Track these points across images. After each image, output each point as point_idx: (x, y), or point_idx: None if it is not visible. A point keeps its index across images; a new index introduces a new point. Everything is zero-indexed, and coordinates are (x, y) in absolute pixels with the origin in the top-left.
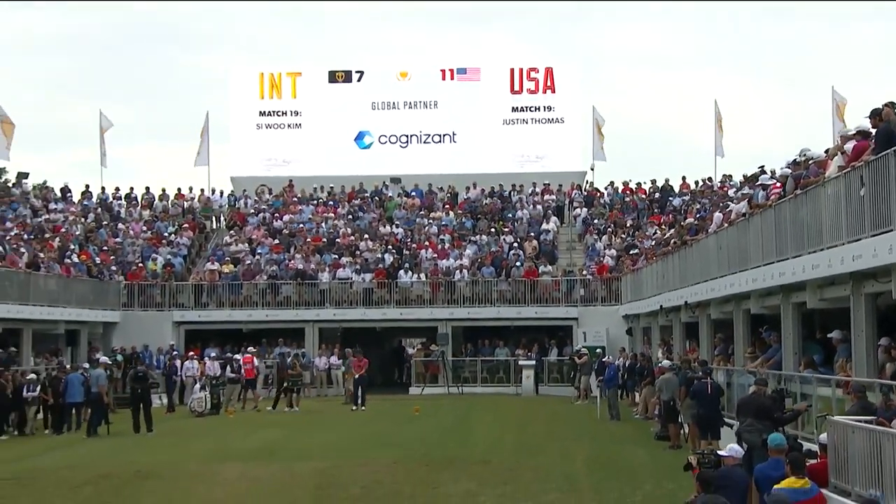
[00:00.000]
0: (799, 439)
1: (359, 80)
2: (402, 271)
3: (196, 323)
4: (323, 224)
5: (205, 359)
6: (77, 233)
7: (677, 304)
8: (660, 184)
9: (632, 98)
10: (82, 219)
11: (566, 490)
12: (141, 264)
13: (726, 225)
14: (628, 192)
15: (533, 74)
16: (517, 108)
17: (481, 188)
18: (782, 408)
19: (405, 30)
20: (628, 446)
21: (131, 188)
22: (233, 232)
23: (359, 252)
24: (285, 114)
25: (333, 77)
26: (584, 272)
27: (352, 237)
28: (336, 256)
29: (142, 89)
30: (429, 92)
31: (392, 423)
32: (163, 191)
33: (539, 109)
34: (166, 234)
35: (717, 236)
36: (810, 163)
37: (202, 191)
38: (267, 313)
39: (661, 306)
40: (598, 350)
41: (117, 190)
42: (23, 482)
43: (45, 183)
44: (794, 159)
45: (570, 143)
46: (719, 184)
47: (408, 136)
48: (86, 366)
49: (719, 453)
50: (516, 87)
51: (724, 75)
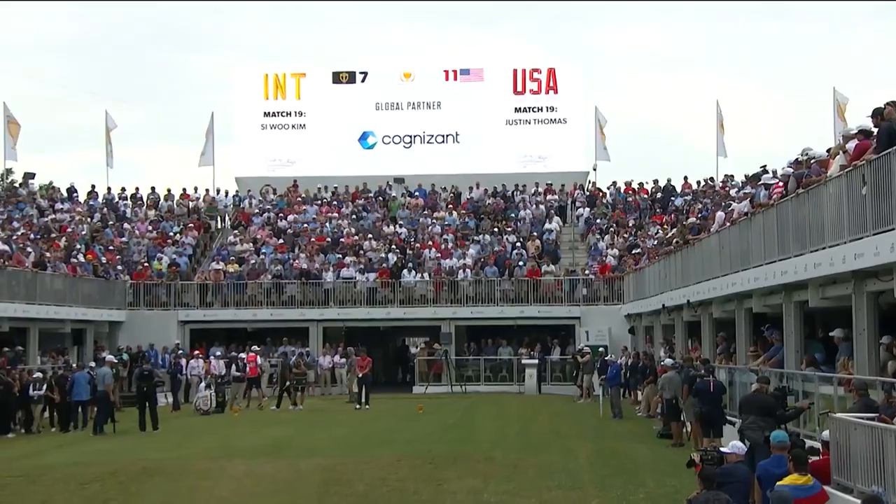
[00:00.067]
0: (801, 437)
1: (362, 81)
2: (405, 271)
3: (201, 322)
4: (327, 224)
5: (210, 358)
6: (83, 232)
7: (679, 303)
8: (662, 184)
9: (634, 98)
10: (88, 219)
11: (569, 487)
12: (146, 264)
13: (728, 224)
14: (630, 192)
15: (536, 75)
16: (520, 108)
17: (484, 188)
18: (784, 405)
19: (408, 31)
20: (631, 444)
21: (137, 188)
22: (237, 232)
23: (363, 252)
24: (289, 114)
25: (337, 78)
26: (587, 272)
27: (356, 237)
28: (340, 256)
29: (147, 90)
30: (432, 92)
31: (396, 421)
32: (168, 191)
33: (542, 110)
34: (171, 233)
35: (719, 235)
36: (812, 162)
37: (207, 191)
38: (271, 312)
39: (663, 305)
40: (600, 349)
41: (123, 190)
42: (30, 479)
43: (51, 183)
44: (796, 158)
45: (573, 144)
46: (721, 184)
47: (411, 137)
48: (92, 364)
49: (722, 450)
50: (519, 88)
51: (726, 76)
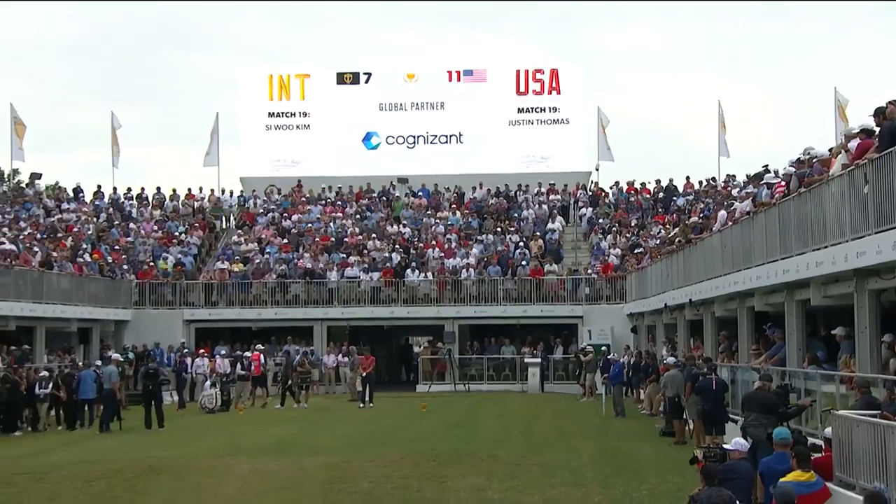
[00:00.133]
0: (803, 434)
1: (366, 82)
2: (409, 270)
3: (206, 321)
4: (331, 224)
5: (215, 356)
6: (89, 232)
7: (682, 301)
8: (664, 184)
9: (636, 99)
10: (94, 218)
11: (572, 484)
12: (152, 263)
13: (730, 223)
14: (633, 192)
15: (538, 76)
16: (523, 109)
17: (487, 188)
18: (787, 403)
19: (412, 32)
20: (633, 442)
21: (142, 188)
22: (242, 231)
23: (366, 251)
24: (294, 115)
25: (341, 79)
26: (589, 271)
27: (360, 236)
28: (344, 255)
29: (151, 91)
30: (435, 93)
31: (400, 420)
32: (173, 191)
33: (544, 110)
34: (177, 233)
35: (721, 235)
36: (814, 161)
37: (212, 191)
38: (276, 312)
39: (665, 304)
40: (603, 348)
41: (129, 190)
42: (37, 476)
43: (57, 184)
44: (798, 158)
45: (575, 144)
46: (723, 183)
47: (415, 137)
48: (98, 363)
49: (725, 447)
50: (522, 89)
51: (727, 76)
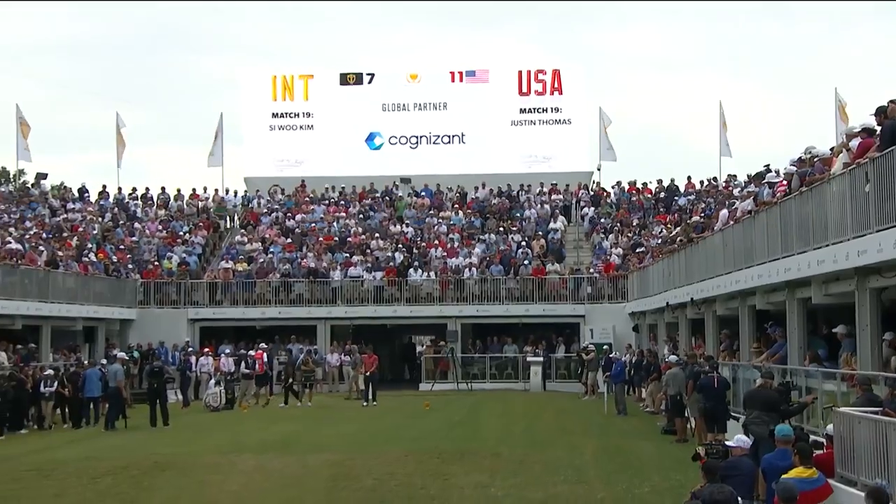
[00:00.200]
0: (805, 431)
1: (369, 83)
2: (412, 269)
3: (210, 320)
4: (334, 223)
5: (220, 355)
6: (94, 232)
7: (683, 300)
8: (665, 184)
9: (638, 99)
10: (99, 218)
11: (575, 481)
12: (157, 263)
13: (732, 222)
14: (634, 192)
15: (540, 76)
16: (525, 109)
17: (490, 188)
18: (788, 400)
19: (415, 33)
20: (635, 440)
21: (147, 188)
22: (246, 231)
23: (370, 251)
24: (297, 115)
25: (344, 79)
26: (591, 270)
27: (363, 236)
28: (347, 255)
29: (156, 92)
30: (438, 94)
31: (403, 418)
32: (178, 191)
33: (546, 111)
34: (181, 233)
35: (722, 234)
36: (815, 160)
37: (216, 191)
38: (280, 311)
39: (667, 303)
40: (604, 347)
41: (133, 190)
42: (43, 473)
43: (62, 184)
44: (800, 157)
45: (577, 144)
46: (724, 183)
47: (417, 137)
48: (103, 362)
49: (727, 444)
50: (524, 89)
51: (728, 77)
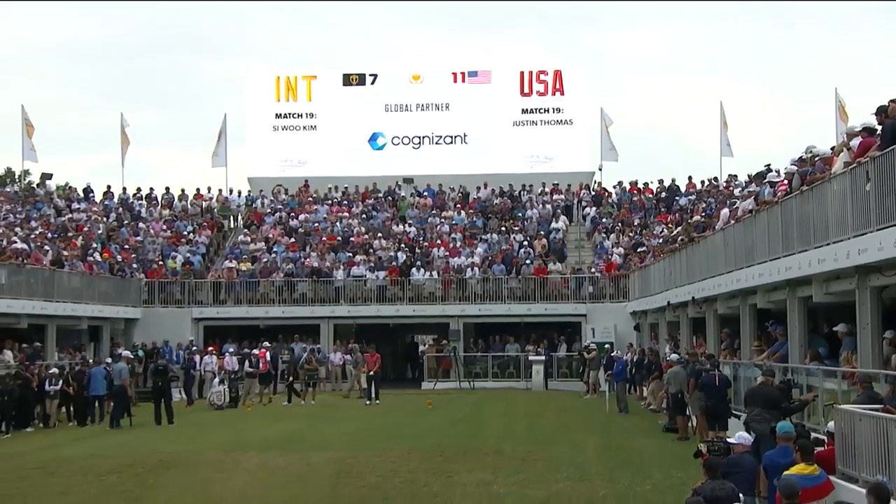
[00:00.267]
0: (806, 428)
1: (372, 83)
2: (414, 269)
3: (214, 319)
4: (337, 223)
5: (224, 354)
6: (99, 232)
7: (684, 299)
8: (666, 184)
9: (639, 100)
10: (104, 218)
11: (577, 479)
12: (161, 262)
13: (733, 222)
14: (636, 192)
15: (542, 77)
16: (527, 109)
17: (492, 188)
18: (789, 398)
19: (418, 34)
20: (637, 438)
21: (151, 188)
22: (250, 231)
23: (372, 250)
24: (301, 116)
25: (347, 80)
26: (593, 270)
27: (366, 236)
28: (350, 255)
29: (161, 93)
30: (441, 94)
31: (406, 416)
32: (182, 191)
33: (548, 111)
34: (185, 232)
35: (723, 233)
36: (816, 159)
37: (220, 191)
38: (283, 310)
39: (668, 302)
40: (606, 346)
41: (138, 190)
42: (49, 471)
43: (67, 184)
44: (801, 156)
45: (579, 144)
46: (724, 183)
47: (420, 138)
48: (108, 360)
49: (728, 441)
50: (526, 90)
51: (728, 78)
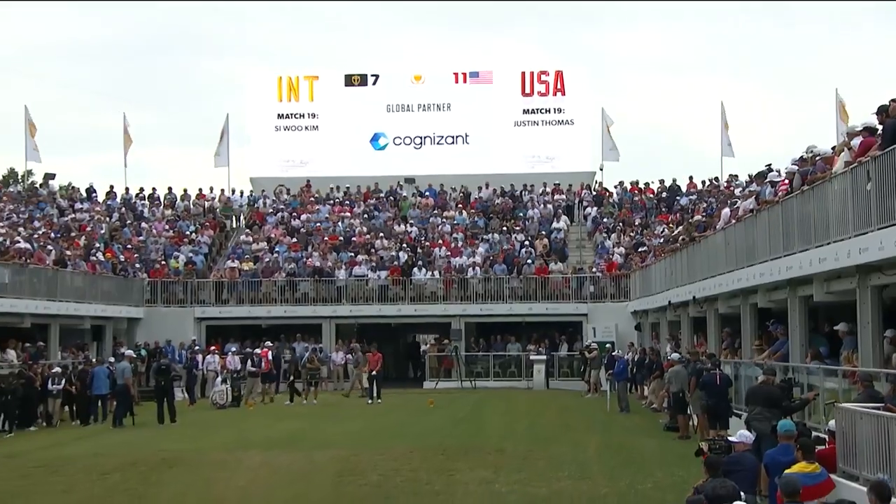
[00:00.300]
0: (807, 427)
1: (374, 84)
2: (416, 269)
3: (217, 319)
4: (339, 223)
5: (226, 353)
6: (102, 231)
7: (685, 299)
8: (667, 184)
9: (640, 100)
10: (107, 218)
11: (579, 477)
12: (163, 262)
13: (734, 221)
14: (636, 192)
15: (543, 77)
16: (528, 110)
17: (493, 188)
18: (790, 396)
19: (419, 34)
20: (638, 437)
21: (154, 189)
22: (252, 231)
23: (374, 250)
24: (303, 116)
25: (349, 80)
26: (594, 269)
27: (367, 236)
28: (352, 254)
29: (163, 94)
30: (442, 95)
31: (408, 415)
32: (184, 191)
33: (549, 111)
34: (188, 232)
35: (724, 232)
36: (817, 159)
37: (222, 191)
38: (285, 309)
39: (669, 302)
40: (607, 345)
41: (141, 190)
42: (52, 469)
43: (70, 184)
44: (801, 156)
45: (580, 144)
46: (725, 183)
47: (421, 138)
48: (111, 360)
49: (730, 439)
50: (527, 90)
51: (729, 78)
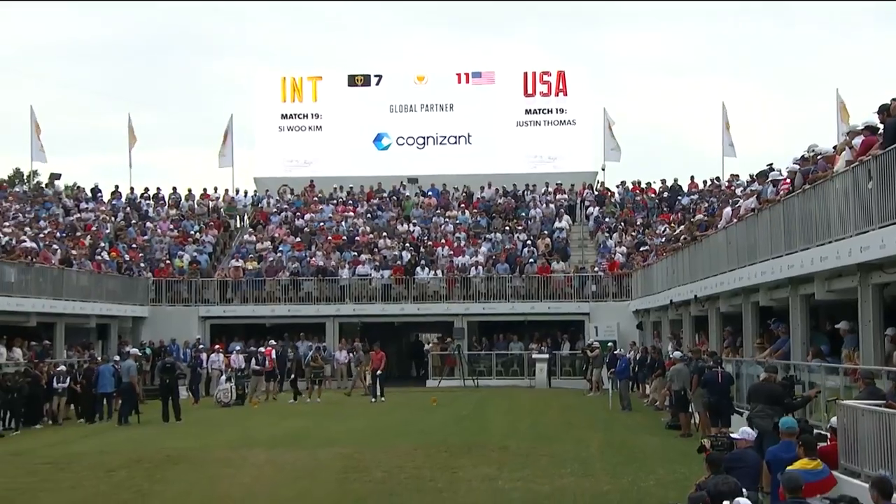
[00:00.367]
0: (809, 424)
1: (377, 84)
2: (419, 268)
3: (221, 318)
4: (343, 222)
5: (230, 352)
6: (107, 231)
7: (687, 298)
8: (669, 183)
9: (641, 101)
10: (112, 218)
11: (581, 474)
12: (168, 261)
13: (735, 220)
14: (638, 192)
15: (546, 78)
16: (530, 110)
17: (495, 188)
18: (792, 394)
19: (422, 35)
20: (640, 434)
21: (158, 188)
22: (256, 230)
23: (377, 249)
24: (306, 116)
25: (353, 81)
26: (596, 268)
27: (371, 235)
28: (355, 254)
29: (168, 94)
30: (445, 95)
31: (411, 413)
32: (189, 191)
33: (551, 112)
34: (192, 232)
35: (726, 231)
36: (819, 158)
37: (226, 191)
38: (289, 308)
39: (671, 301)
40: (609, 344)
41: (146, 190)
42: (59, 466)
43: (75, 184)
44: (803, 155)
45: (582, 145)
46: (726, 183)
47: (424, 138)
48: (116, 358)
49: (732, 436)
50: (529, 91)
51: (730, 78)
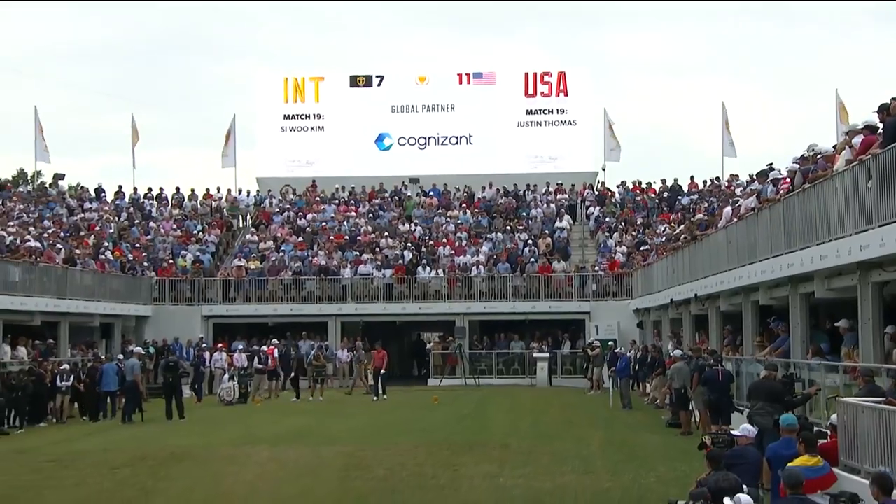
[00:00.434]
0: (809, 421)
1: (379, 85)
2: (420, 267)
3: (224, 317)
4: (345, 222)
5: (233, 351)
6: (111, 231)
7: (687, 297)
8: (669, 183)
9: (642, 101)
10: (115, 217)
11: (582, 472)
12: (171, 261)
13: (735, 219)
14: (638, 192)
15: (546, 78)
16: (531, 110)
17: (497, 188)
18: (792, 391)
19: (423, 36)
20: (641, 432)
21: (161, 188)
22: (258, 230)
23: (379, 249)
24: (308, 117)
25: (355, 82)
26: (596, 268)
27: (372, 235)
28: (357, 253)
29: (171, 95)
30: (446, 96)
31: (413, 412)
32: (192, 191)
33: (552, 112)
34: (195, 232)
35: (726, 230)
36: (818, 157)
37: (229, 191)
38: (291, 308)
39: (671, 300)
40: (610, 343)
41: (149, 190)
42: (64, 464)
43: (79, 184)
44: (803, 154)
45: (582, 145)
46: (726, 183)
47: (426, 138)
48: (120, 357)
49: (733, 433)
50: (530, 91)
51: (730, 78)
